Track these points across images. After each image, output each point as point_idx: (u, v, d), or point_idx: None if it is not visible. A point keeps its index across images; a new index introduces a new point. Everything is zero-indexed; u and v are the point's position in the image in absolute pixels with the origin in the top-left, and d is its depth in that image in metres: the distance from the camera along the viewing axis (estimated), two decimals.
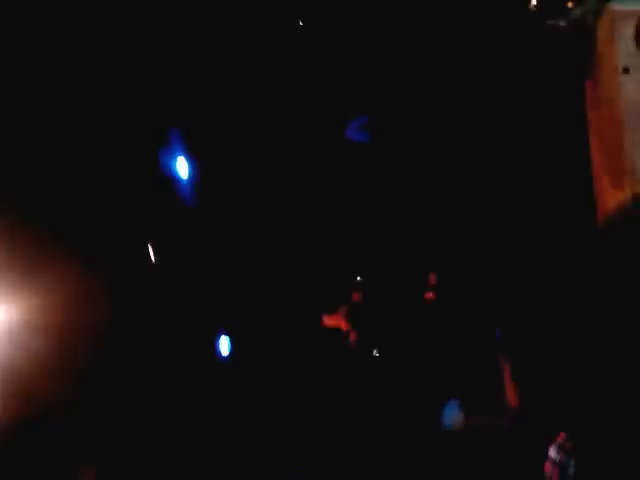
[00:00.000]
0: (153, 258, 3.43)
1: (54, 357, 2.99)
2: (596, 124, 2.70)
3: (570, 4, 2.65)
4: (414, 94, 3.60)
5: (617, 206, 2.65)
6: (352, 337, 3.66)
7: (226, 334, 3.60)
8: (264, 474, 3.51)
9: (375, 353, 3.66)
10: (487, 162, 3.41)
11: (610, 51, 2.37)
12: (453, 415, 3.48)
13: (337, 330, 3.68)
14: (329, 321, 3.67)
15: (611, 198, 2.68)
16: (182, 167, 3.46)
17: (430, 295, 3.59)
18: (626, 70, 2.44)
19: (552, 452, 2.61)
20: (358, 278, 3.72)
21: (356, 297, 3.71)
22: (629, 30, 2.46)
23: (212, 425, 3.44)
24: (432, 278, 3.59)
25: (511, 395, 3.37)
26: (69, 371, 3.01)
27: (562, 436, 2.60)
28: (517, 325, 3.36)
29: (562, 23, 2.45)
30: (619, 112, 2.48)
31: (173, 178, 3.47)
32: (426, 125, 3.58)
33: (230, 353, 3.61)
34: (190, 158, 3.45)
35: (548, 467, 2.66)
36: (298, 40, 3.62)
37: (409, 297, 3.62)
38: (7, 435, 2.83)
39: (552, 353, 3.14)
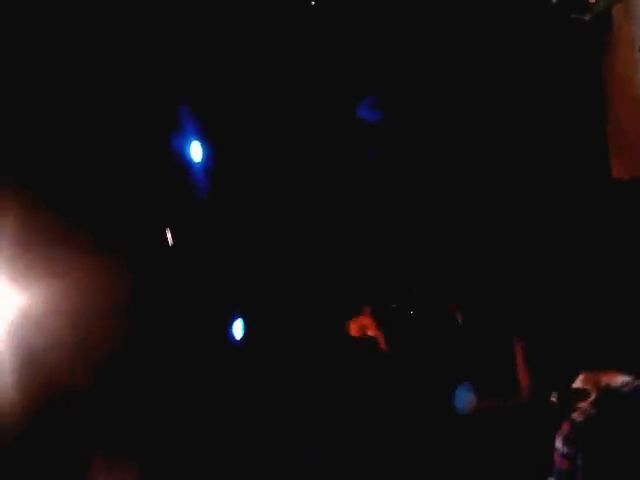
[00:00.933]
0: (170, 241, 3.44)
1: (74, 341, 3.00)
2: (613, 105, 2.71)
3: None
4: (430, 79, 3.61)
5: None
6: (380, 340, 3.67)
7: (241, 317, 3.62)
8: (277, 459, 3.53)
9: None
10: (504, 150, 3.43)
11: (628, 31, 2.39)
12: (465, 398, 3.50)
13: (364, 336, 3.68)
14: (355, 327, 3.67)
15: (628, 175, 2.69)
16: (196, 151, 3.48)
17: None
18: None
19: (558, 443, 2.62)
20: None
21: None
22: None
23: (225, 408, 3.47)
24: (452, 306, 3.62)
25: (524, 378, 3.39)
26: (89, 355, 3.02)
27: (567, 426, 2.60)
28: (531, 309, 3.38)
29: (586, 17, 2.45)
30: (636, 90, 2.50)
31: (187, 162, 3.48)
32: (440, 115, 3.60)
33: (244, 337, 3.63)
34: (204, 142, 3.46)
35: (557, 457, 2.67)
36: (310, 20, 3.63)
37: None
38: (29, 420, 2.84)
39: (566, 336, 3.16)
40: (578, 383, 2.51)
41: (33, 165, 3.12)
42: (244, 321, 3.64)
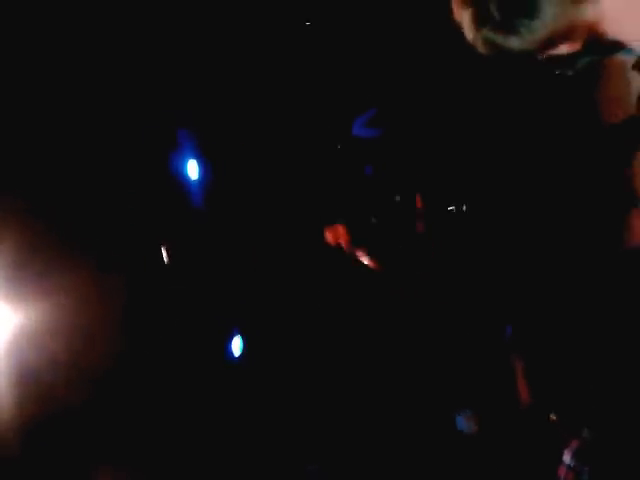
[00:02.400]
0: (166, 259, 3.45)
1: (71, 360, 3.00)
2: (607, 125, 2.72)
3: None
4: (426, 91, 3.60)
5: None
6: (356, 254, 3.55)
7: (239, 334, 3.62)
8: (277, 475, 3.53)
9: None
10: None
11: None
12: (467, 421, 3.48)
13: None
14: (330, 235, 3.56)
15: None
16: (193, 170, 3.49)
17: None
18: (636, 66, 2.45)
19: (566, 457, 2.62)
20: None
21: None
22: None
23: (223, 425, 3.46)
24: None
25: (524, 395, 3.38)
26: (86, 374, 3.02)
27: (576, 441, 2.61)
28: (529, 322, 3.37)
29: (569, 72, 2.44)
30: (629, 110, 2.51)
31: (184, 180, 3.49)
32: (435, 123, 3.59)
33: (242, 354, 3.63)
34: (201, 160, 3.47)
35: (562, 471, 2.67)
36: (305, 40, 3.64)
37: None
38: (25, 437, 2.83)
39: (566, 352, 3.16)
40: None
41: (29, 182, 3.13)
42: (243, 338, 3.64)
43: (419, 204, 3.51)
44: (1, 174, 3.01)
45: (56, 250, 3.14)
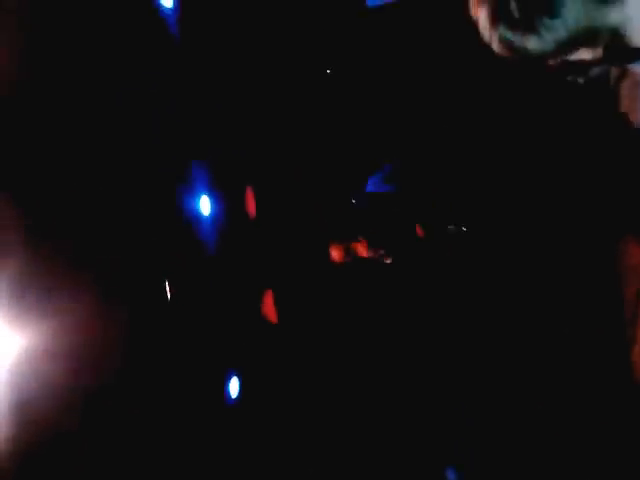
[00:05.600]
0: (169, 295, 3.41)
1: (69, 384, 2.94)
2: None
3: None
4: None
5: None
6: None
7: (236, 375, 3.56)
8: None
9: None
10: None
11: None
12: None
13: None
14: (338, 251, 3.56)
15: None
16: (204, 205, 3.47)
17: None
18: None
19: None
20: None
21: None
22: None
23: (220, 468, 3.39)
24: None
25: None
26: (84, 402, 2.96)
27: None
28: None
29: (580, 80, 2.43)
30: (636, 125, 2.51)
31: (194, 216, 3.47)
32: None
33: (239, 395, 3.56)
34: (213, 196, 3.46)
35: None
36: (323, 86, 3.68)
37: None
38: (22, 464, 2.76)
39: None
40: None
41: (34, 205, 3.10)
42: (240, 379, 3.58)
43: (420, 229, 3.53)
44: (3, 195, 2.99)
45: (59, 279, 3.11)
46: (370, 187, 3.74)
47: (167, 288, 3.43)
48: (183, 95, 3.38)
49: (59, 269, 3.08)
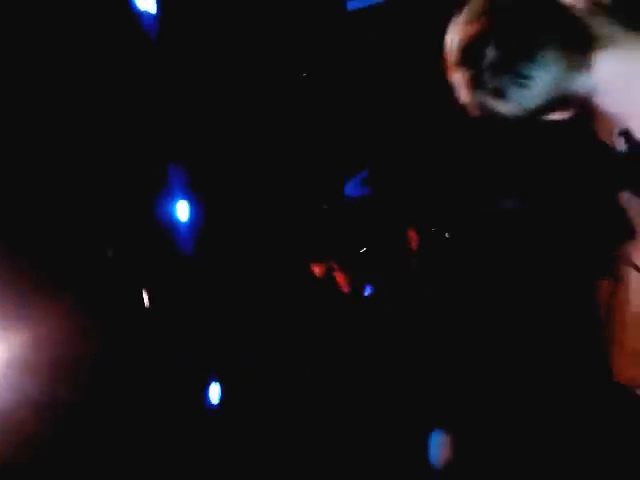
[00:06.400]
0: (147, 302, 3.38)
1: (46, 396, 2.91)
2: None
3: None
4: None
5: None
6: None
7: (217, 381, 3.55)
8: None
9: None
10: None
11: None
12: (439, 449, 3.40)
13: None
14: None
15: None
16: (183, 211, 3.44)
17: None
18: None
19: None
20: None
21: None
22: None
23: (202, 473, 3.38)
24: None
25: None
26: (61, 410, 2.93)
27: None
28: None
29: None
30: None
31: (172, 222, 3.44)
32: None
33: (220, 401, 3.55)
34: (192, 201, 3.43)
35: None
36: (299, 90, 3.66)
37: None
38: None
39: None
40: None
41: (10, 216, 3.06)
42: (221, 385, 3.57)
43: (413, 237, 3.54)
44: None
45: (35, 288, 3.07)
46: (348, 190, 3.74)
47: (145, 295, 3.41)
48: (162, 98, 3.36)
49: (34, 280, 3.05)
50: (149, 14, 3.25)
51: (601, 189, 2.77)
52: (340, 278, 3.61)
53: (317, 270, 3.59)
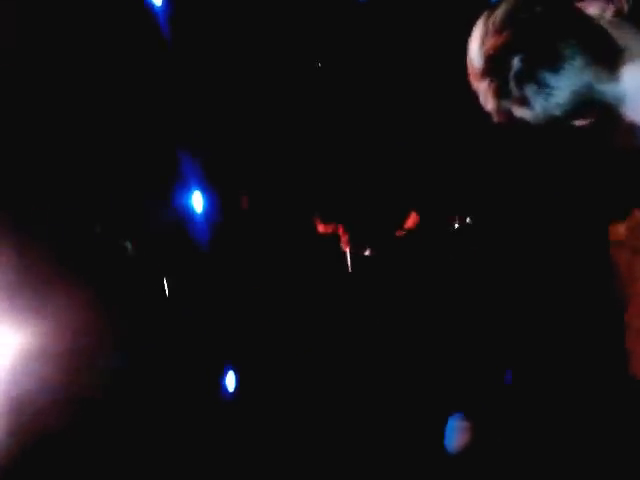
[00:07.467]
0: (167, 291, 3.43)
1: (66, 385, 2.96)
2: None
3: None
4: None
5: None
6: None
7: (233, 369, 3.58)
8: None
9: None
10: None
11: None
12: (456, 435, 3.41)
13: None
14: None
15: None
16: (198, 202, 3.47)
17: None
18: None
19: None
20: None
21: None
22: None
23: (217, 463, 3.41)
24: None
25: None
26: (80, 399, 2.98)
27: None
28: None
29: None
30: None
31: (188, 214, 3.48)
32: None
33: (236, 389, 3.58)
34: (207, 192, 3.46)
35: None
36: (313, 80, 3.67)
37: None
38: (19, 466, 2.78)
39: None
40: None
41: (28, 205, 3.11)
42: (237, 374, 3.61)
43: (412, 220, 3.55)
44: None
45: (55, 278, 3.12)
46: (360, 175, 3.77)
47: (165, 285, 3.45)
48: (175, 93, 3.39)
49: (52, 269, 3.10)
50: (160, 4, 3.28)
51: (622, 199, 2.77)
52: (344, 238, 3.63)
53: (322, 228, 3.61)
